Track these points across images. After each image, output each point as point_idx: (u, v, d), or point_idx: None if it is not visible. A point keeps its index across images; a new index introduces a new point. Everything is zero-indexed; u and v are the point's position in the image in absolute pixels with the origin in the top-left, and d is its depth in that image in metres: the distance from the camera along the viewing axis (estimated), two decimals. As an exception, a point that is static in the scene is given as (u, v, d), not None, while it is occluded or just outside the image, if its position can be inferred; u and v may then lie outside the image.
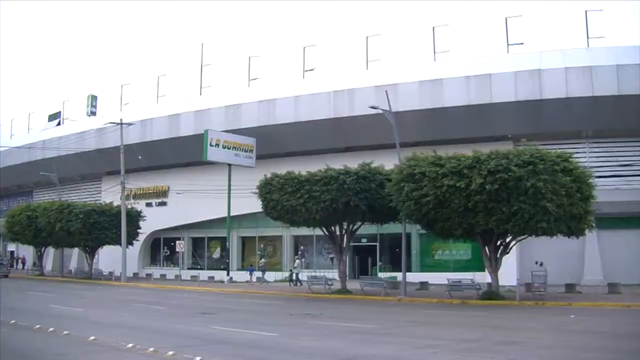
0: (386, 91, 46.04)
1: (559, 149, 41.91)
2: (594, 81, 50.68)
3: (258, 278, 60.88)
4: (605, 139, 53.77)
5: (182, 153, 67.45)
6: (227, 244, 63.79)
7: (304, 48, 65.21)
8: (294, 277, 57.69)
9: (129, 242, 67.41)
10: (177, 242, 64.28)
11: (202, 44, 72.70)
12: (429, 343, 22.32)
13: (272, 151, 62.62)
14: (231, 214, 61.67)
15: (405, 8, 59.83)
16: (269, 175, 47.91)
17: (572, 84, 51.07)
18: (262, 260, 65.11)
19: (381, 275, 55.83)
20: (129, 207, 69.25)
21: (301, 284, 55.58)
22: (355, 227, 48.52)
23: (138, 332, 25.47)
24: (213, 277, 64.49)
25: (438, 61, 58.08)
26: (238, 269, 65.90)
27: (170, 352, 19.37)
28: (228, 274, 61.82)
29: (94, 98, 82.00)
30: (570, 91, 51.02)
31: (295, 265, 59.53)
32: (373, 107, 45.16)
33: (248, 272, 61.86)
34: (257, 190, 48.36)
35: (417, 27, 59.26)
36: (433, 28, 59.05)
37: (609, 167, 52.71)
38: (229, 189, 60.90)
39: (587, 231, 41.30)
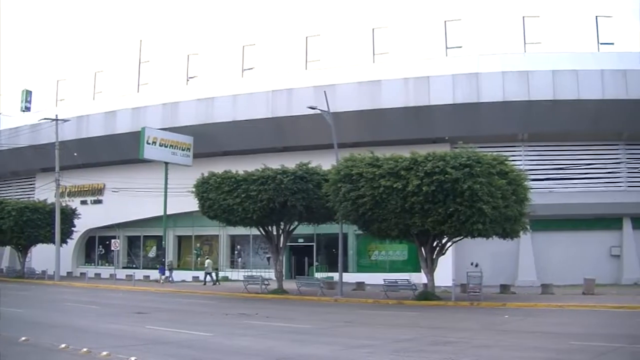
0: (325, 91, 46.28)
1: (496, 151, 42.31)
2: (530, 85, 51.62)
3: (166, 277, 60.79)
4: (541, 142, 54.71)
5: (119, 151, 66.57)
6: (163, 242, 63.17)
7: (243, 47, 64.83)
8: (211, 276, 57.95)
9: (63, 241, 66.35)
10: (113, 240, 63.48)
11: (141, 41, 71.84)
12: (365, 343, 22.33)
13: (209, 150, 62.24)
14: (167, 213, 61.06)
15: (344, 9, 60.01)
16: (206, 174, 47.64)
17: (508, 87, 51.89)
18: (170, 259, 64.94)
19: (318, 275, 55.95)
20: (64, 204, 68.11)
21: (215, 283, 56.71)
22: (292, 227, 48.51)
23: (71, 332, 25.01)
24: (148, 277, 63.76)
25: (377, 63, 58.27)
26: (174, 269, 65.28)
27: (104, 353, 19.02)
28: (164, 274, 61.22)
29: (28, 93, 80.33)
30: (507, 95, 51.82)
31: (206, 265, 59.32)
32: (311, 108, 45.18)
33: (158, 271, 61.55)
34: (193, 189, 48.01)
35: (356, 28, 59.42)
36: (372, 30, 59.25)
37: (543, 170, 53.56)
38: (166, 188, 60.32)
39: (521, 233, 41.93)
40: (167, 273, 61.12)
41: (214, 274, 58.37)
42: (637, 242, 53.65)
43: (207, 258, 61.60)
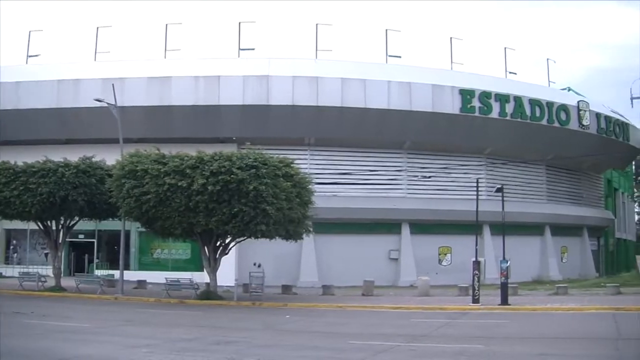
0: (113, 85, 45.26)
1: (282, 154, 42.76)
2: (320, 91, 52.77)
3: None
4: (327, 147, 56.07)
5: None
6: None
7: (30, 32, 62.02)
8: None
9: None
10: None
11: None
12: (144, 342, 21.95)
13: (-13, 139, 59.12)
14: None
15: (138, 2, 58.96)
16: (-19, 164, 45.20)
17: (298, 92, 52.87)
18: None
19: (98, 272, 54.44)
20: None
21: None
22: (72, 222, 47.01)
23: None
24: None
25: (168, 59, 57.53)
26: None
27: None
28: None
29: None
30: (297, 99, 52.79)
31: None
32: (98, 100, 44.23)
33: None
34: (-35, 180, 45.38)
35: (149, 22, 58.65)
36: (166, 25, 58.41)
37: (328, 175, 54.81)
38: None
39: (304, 235, 42.63)
40: None
41: None
42: (414, 246, 56.30)
43: None
